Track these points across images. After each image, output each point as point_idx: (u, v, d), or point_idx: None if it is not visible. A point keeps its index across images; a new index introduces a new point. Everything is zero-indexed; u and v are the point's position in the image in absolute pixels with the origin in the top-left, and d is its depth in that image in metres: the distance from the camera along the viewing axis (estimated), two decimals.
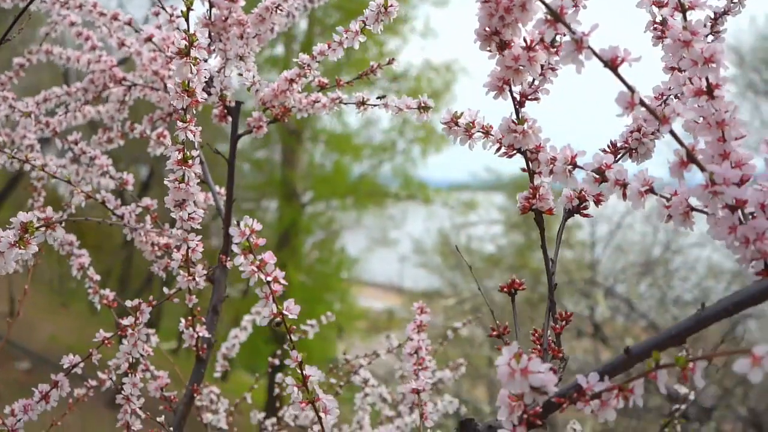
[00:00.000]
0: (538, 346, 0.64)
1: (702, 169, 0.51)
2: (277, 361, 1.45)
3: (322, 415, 0.64)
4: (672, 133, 0.51)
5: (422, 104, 0.81)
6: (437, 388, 1.42)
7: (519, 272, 8.03)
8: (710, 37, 0.71)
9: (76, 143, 1.11)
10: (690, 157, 0.51)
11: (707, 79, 0.53)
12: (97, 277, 1.09)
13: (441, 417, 1.32)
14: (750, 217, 0.51)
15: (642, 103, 0.50)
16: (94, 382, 1.11)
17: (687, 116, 0.52)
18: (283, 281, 0.62)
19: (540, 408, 0.54)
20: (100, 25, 1.15)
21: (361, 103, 0.96)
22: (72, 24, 1.18)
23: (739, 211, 0.52)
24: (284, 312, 0.62)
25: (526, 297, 7.86)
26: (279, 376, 1.22)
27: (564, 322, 0.64)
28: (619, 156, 0.68)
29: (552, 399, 0.53)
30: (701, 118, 0.53)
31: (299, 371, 0.64)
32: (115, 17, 1.09)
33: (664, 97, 0.69)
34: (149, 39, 1.02)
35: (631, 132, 0.68)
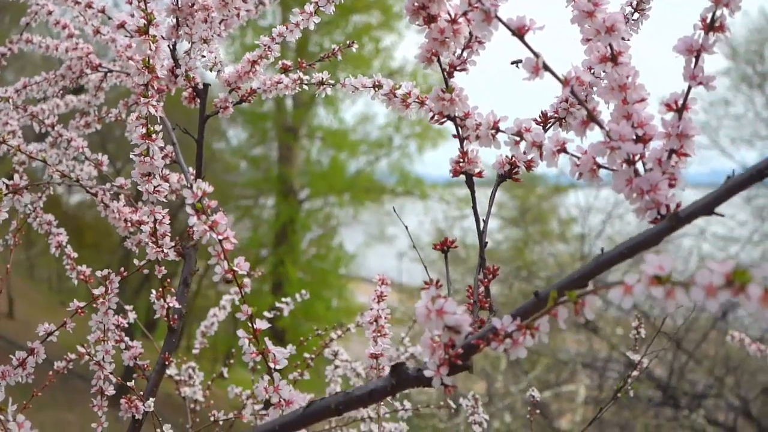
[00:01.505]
0: (470, 300, 0.69)
1: (601, 127, 0.56)
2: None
3: (271, 365, 0.69)
4: (574, 94, 0.56)
5: (376, 83, 0.86)
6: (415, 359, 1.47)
7: (516, 265, 8.08)
8: (636, 15, 0.76)
9: (53, 126, 1.16)
10: (590, 117, 0.56)
11: (611, 46, 0.58)
12: (75, 255, 1.14)
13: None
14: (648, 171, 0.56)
15: (545, 67, 0.55)
16: (73, 356, 1.15)
17: (585, 79, 0.57)
18: (234, 240, 0.67)
19: (461, 350, 0.59)
20: (76, 14, 1.20)
21: (321, 83, 1.01)
22: (50, 13, 1.23)
23: (639, 166, 0.57)
24: (235, 268, 0.67)
25: (522, 290, 7.92)
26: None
27: (492, 276, 0.69)
28: (549, 125, 0.73)
29: (471, 341, 0.58)
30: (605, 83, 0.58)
31: (250, 324, 0.69)
32: (89, 5, 1.14)
33: (592, 69, 0.74)
34: (122, 26, 1.06)
35: (560, 102, 0.73)
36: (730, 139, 8.57)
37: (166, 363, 1.03)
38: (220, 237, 0.67)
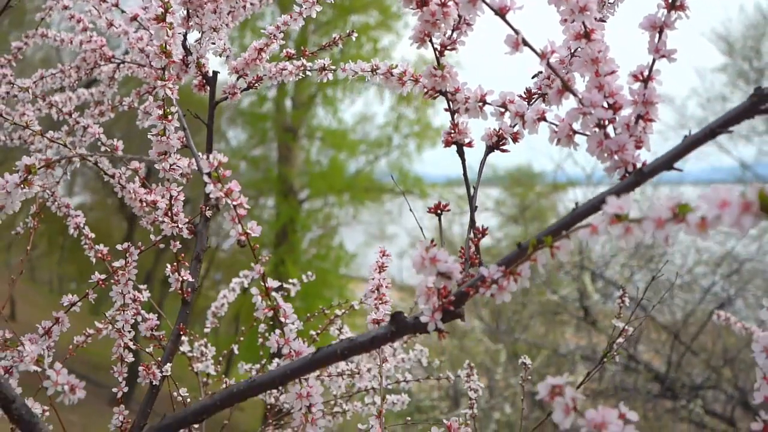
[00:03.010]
0: (462, 259, 0.76)
1: (575, 95, 0.63)
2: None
3: (282, 319, 0.76)
4: (550, 66, 0.63)
5: (374, 66, 0.93)
6: (410, 343, 1.54)
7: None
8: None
9: (70, 114, 1.23)
10: (565, 86, 0.63)
11: (584, 24, 0.65)
12: (92, 235, 1.21)
13: (413, 365, 1.44)
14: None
15: (524, 42, 0.62)
16: (91, 331, 1.22)
17: (561, 53, 0.64)
18: (246, 206, 0.74)
19: (453, 297, 0.65)
20: (90, 8, 1.27)
21: (323, 69, 1.08)
22: (65, 8, 1.30)
23: (610, 130, 0.64)
24: (248, 231, 0.74)
25: (521, 287, 7.97)
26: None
27: (481, 235, 0.76)
28: (533, 100, 0.80)
29: (463, 289, 0.65)
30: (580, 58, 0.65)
31: (262, 283, 0.76)
32: (103, 0, 1.21)
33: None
34: (135, 18, 1.13)
35: (543, 79, 0.80)
36: (727, 135, 8.62)
37: (181, 333, 1.10)
38: (235, 203, 0.73)
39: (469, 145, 0.76)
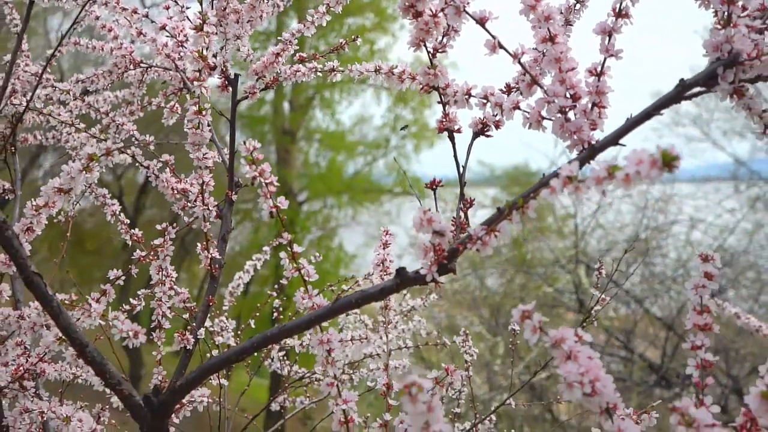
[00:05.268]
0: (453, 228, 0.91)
1: (541, 87, 0.78)
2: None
3: (306, 278, 0.91)
4: (521, 64, 0.78)
5: (377, 67, 1.08)
6: (410, 315, 1.69)
7: (514, 261, 8.31)
8: (577, 5, 0.98)
9: (106, 114, 1.38)
10: (533, 80, 0.78)
11: (549, 30, 0.80)
12: (128, 221, 1.36)
13: (411, 336, 1.59)
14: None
15: (500, 45, 0.77)
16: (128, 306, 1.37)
17: (531, 54, 0.79)
18: (276, 183, 0.89)
19: (447, 253, 0.80)
20: (119, 18, 1.42)
21: (332, 70, 1.23)
22: (97, 18, 1.45)
23: (570, 115, 0.79)
24: (278, 204, 0.89)
25: (520, 283, 8.15)
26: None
27: (469, 205, 0.92)
28: (512, 92, 0.95)
29: (454, 246, 0.80)
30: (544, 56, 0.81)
31: (290, 248, 0.91)
32: (134, 11, 1.36)
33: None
34: (163, 27, 1.29)
35: (519, 76, 0.95)
36: (722, 131, 8.80)
37: (210, 304, 1.25)
38: (266, 181, 0.89)
39: (458, 131, 0.91)
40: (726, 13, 0.71)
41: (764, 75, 0.71)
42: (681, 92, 0.71)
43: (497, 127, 0.94)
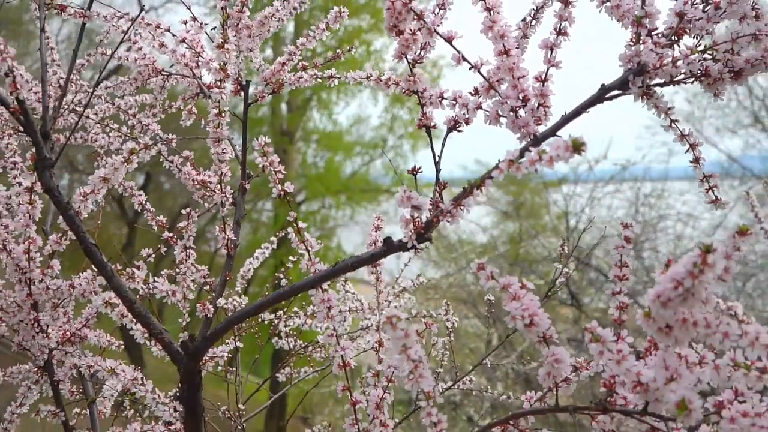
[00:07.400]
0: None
1: (496, 91, 0.98)
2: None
3: (309, 248, 1.11)
4: (480, 73, 0.98)
5: (369, 75, 1.29)
6: (401, 294, 1.90)
7: (511, 260, 8.51)
8: (533, 21, 1.19)
9: (134, 115, 1.59)
10: (490, 86, 0.99)
11: (503, 45, 1.01)
12: (153, 210, 1.56)
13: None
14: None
15: (464, 58, 0.97)
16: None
17: (489, 66, 0.99)
18: (283, 171, 1.09)
19: (423, 224, 1.00)
20: (141, 31, 1.62)
21: (331, 77, 1.44)
22: (124, 32, 1.65)
23: (521, 113, 1.00)
24: (285, 188, 1.09)
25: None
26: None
27: (444, 186, 1.12)
28: (476, 95, 1.15)
29: (430, 218, 1.00)
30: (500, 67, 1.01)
31: (295, 225, 1.11)
32: (158, 26, 1.56)
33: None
34: (183, 40, 1.49)
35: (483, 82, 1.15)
36: (714, 128, 9.00)
37: (227, 279, 1.45)
38: (275, 169, 1.09)
39: (434, 127, 1.11)
40: (636, 33, 0.91)
41: (666, 81, 0.91)
42: (602, 94, 0.92)
43: (467, 123, 1.14)
